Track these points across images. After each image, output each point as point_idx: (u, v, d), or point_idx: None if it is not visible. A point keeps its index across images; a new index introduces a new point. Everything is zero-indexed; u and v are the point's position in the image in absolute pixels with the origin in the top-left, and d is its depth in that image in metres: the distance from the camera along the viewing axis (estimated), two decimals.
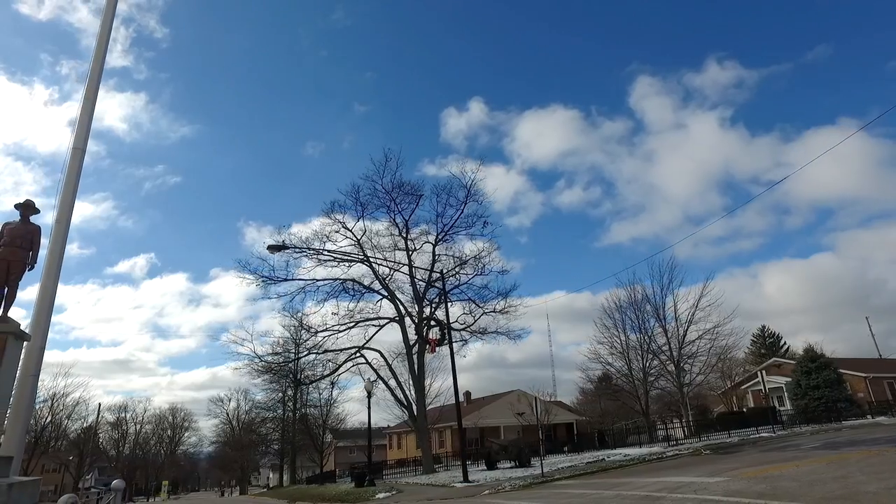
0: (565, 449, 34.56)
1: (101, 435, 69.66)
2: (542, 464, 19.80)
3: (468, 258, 28.69)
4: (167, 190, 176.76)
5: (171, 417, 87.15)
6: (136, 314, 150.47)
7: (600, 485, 14.98)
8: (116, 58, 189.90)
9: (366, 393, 25.68)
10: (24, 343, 9.00)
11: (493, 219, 29.84)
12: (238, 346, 28.91)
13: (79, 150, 11.88)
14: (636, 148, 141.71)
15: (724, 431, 30.32)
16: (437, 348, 23.05)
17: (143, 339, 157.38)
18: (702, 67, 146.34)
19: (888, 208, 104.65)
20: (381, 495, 19.71)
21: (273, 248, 21.47)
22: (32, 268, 9.18)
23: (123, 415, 76.58)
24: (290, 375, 33.44)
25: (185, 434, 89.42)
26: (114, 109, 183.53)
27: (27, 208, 9.31)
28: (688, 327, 31.21)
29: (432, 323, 26.01)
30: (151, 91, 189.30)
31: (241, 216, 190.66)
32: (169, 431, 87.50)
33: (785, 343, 74.60)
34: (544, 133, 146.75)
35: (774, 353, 67.86)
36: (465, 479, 20.94)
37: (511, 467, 26.13)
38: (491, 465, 25.86)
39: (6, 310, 8.74)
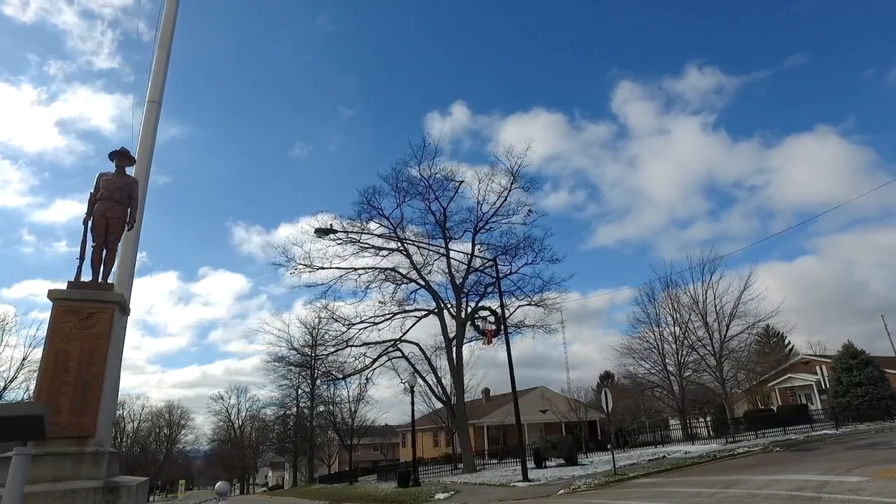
0: (608, 446, 33.37)
1: None
2: (613, 461, 18.64)
3: (520, 243, 27.39)
4: (156, 190, 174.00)
5: (167, 415, 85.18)
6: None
7: (703, 483, 13.80)
8: (103, 60, 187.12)
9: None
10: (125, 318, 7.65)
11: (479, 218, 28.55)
12: (266, 336, 27.29)
13: (154, 103, 10.58)
14: (620, 152, 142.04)
15: (756, 430, 29.29)
16: (493, 339, 21.82)
17: (132, 337, 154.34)
18: (682, 73, 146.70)
19: (867, 213, 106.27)
20: (440, 496, 18.42)
21: (320, 232, 20.08)
22: (132, 227, 7.77)
23: (121, 412, 74.47)
24: (320, 370, 32.00)
25: (182, 432, 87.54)
26: (101, 110, 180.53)
27: (123, 157, 7.88)
28: (730, 321, 30.17)
29: (484, 314, 24.65)
30: (140, 93, 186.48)
31: (230, 216, 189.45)
32: (166, 429, 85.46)
33: (789, 342, 74.39)
34: (528, 137, 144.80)
35: (780, 352, 67.48)
36: (525, 478, 19.75)
37: (559, 465, 25.01)
38: (539, 463, 24.71)
39: (106, 276, 7.34)
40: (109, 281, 9.25)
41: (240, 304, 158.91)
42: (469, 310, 27.84)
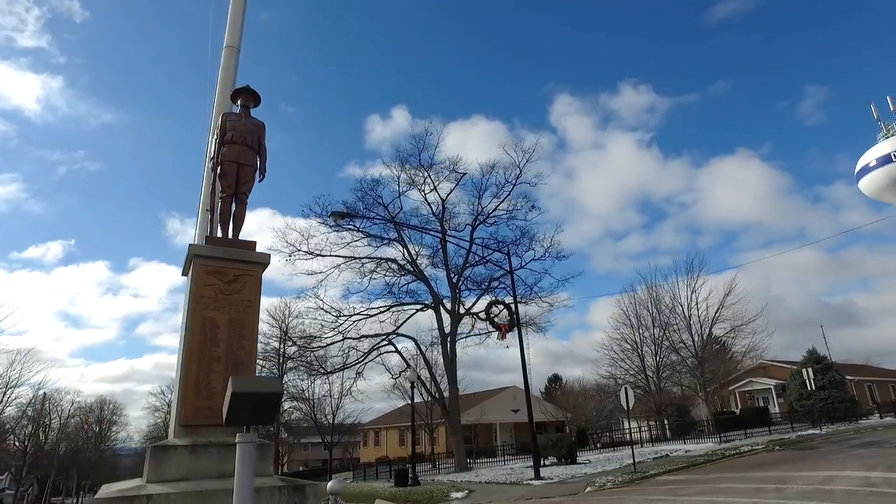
0: (598, 446, 33.69)
1: (18, 432, 61.59)
2: (633, 456, 18.53)
3: (523, 236, 27.00)
4: (86, 176, 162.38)
5: (98, 410, 78.81)
6: (47, 302, 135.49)
7: (745, 479, 13.84)
8: (27, 38, 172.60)
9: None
10: None
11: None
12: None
13: (232, 48, 9.33)
14: (558, 164, 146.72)
15: (727, 431, 30.27)
16: (507, 334, 21.31)
17: (53, 328, 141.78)
18: (618, 90, 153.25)
19: (784, 233, 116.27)
20: (456, 494, 17.67)
21: (336, 215, 18.89)
22: (263, 178, 6.58)
23: (47, 407, 68.07)
24: (299, 363, 30.31)
25: (114, 428, 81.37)
26: (25, 90, 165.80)
27: (249, 96, 6.69)
28: (713, 324, 31.19)
29: (499, 308, 24.04)
30: (70, 75, 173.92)
31: (164, 207, 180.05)
32: (95, 426, 79.11)
33: (731, 351, 78.79)
34: (469, 144, 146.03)
35: (723, 358, 71.21)
36: (538, 476, 19.37)
37: (554, 464, 24.80)
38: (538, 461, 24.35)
39: (237, 232, 6.16)
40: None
41: (172, 297, 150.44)
42: (462, 305, 27.27)
